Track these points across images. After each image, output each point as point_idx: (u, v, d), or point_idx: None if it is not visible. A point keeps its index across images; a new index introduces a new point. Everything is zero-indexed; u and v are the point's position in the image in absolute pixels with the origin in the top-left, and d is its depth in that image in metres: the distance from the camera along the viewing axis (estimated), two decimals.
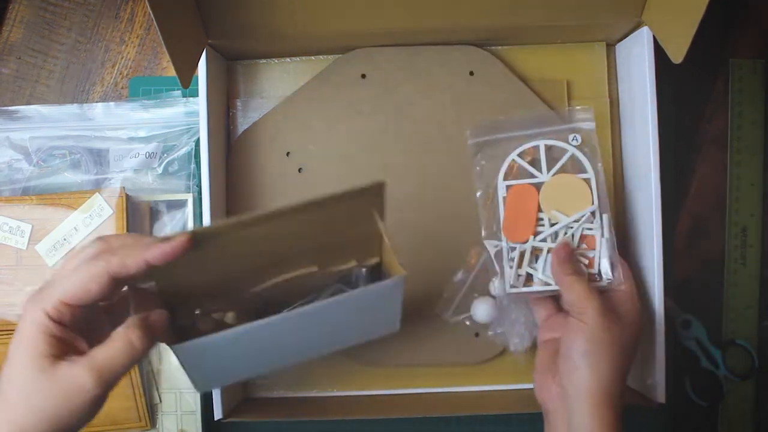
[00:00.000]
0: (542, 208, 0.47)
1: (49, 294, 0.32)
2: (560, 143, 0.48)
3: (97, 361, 0.32)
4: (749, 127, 0.57)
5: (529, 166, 0.48)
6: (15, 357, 0.32)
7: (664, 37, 0.46)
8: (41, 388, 0.31)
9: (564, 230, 0.47)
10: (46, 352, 0.31)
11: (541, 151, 0.48)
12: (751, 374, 0.55)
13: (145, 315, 0.34)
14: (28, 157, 0.54)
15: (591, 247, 0.46)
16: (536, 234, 0.47)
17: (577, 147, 0.48)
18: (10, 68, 0.57)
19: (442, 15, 0.48)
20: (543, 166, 0.48)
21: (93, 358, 0.32)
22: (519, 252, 0.46)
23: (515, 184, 0.47)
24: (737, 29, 0.58)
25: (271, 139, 0.53)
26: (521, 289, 0.46)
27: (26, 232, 0.52)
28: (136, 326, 0.33)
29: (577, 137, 0.48)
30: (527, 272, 0.46)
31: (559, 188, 0.47)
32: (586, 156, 0.48)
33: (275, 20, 0.48)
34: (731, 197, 0.57)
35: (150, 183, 0.54)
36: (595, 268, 0.46)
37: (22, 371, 0.31)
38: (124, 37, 0.57)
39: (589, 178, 0.47)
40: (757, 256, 0.56)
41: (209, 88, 0.48)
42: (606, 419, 0.39)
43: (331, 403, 0.52)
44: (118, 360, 0.32)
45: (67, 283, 0.32)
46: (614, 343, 0.41)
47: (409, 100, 0.53)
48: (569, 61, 0.54)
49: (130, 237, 0.35)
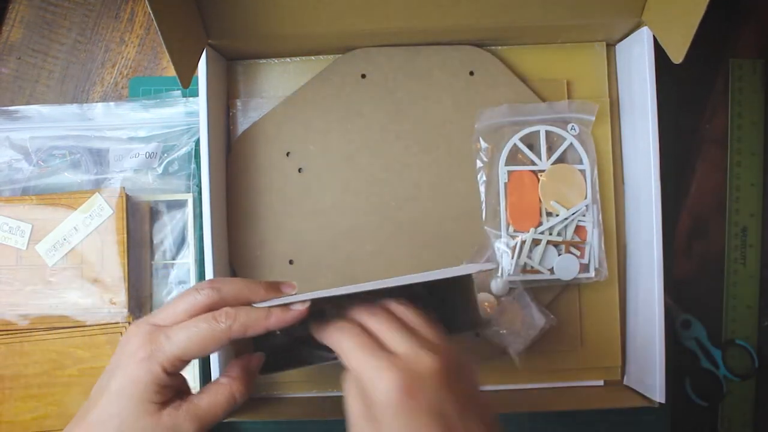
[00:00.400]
0: (541, 198, 0.49)
1: (166, 348, 0.33)
2: (559, 130, 0.50)
3: (200, 409, 0.34)
4: (749, 126, 0.57)
5: (530, 152, 0.50)
6: (121, 397, 0.33)
7: (664, 36, 0.46)
8: (143, 430, 0.32)
9: (563, 222, 0.50)
10: (156, 399, 0.33)
11: (541, 137, 0.50)
12: (751, 374, 0.55)
13: (246, 361, 0.36)
14: (28, 157, 0.54)
15: (583, 238, 0.49)
16: (539, 224, 0.49)
17: (575, 137, 0.50)
18: (10, 68, 0.57)
19: (442, 15, 0.48)
20: (542, 153, 0.50)
21: (196, 406, 0.34)
22: (520, 241, 0.48)
23: (516, 169, 0.49)
24: (737, 29, 0.58)
25: (271, 139, 0.53)
26: (519, 277, 0.49)
27: (26, 232, 0.52)
28: (239, 379, 0.35)
29: (575, 127, 0.50)
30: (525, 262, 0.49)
31: (557, 179, 0.50)
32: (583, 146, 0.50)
33: (275, 20, 0.48)
34: (731, 197, 0.57)
35: (150, 183, 0.54)
36: (586, 258, 0.49)
37: (127, 414, 0.32)
38: (124, 37, 0.57)
39: (584, 169, 0.49)
40: (757, 256, 0.56)
41: (209, 88, 0.48)
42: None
43: (331, 403, 0.52)
44: (220, 410, 0.35)
45: (186, 341, 0.33)
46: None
47: (409, 100, 0.53)
48: (569, 61, 0.54)
49: (242, 287, 0.36)
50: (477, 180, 0.52)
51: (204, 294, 0.35)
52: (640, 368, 0.51)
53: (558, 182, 0.50)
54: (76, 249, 0.52)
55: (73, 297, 0.51)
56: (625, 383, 0.53)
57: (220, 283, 0.36)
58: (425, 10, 0.48)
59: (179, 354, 0.33)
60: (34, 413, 0.52)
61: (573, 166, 0.51)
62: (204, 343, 0.33)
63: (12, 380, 0.52)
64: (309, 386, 0.53)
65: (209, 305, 0.35)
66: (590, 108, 0.51)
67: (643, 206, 0.49)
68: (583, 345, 0.53)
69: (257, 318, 0.34)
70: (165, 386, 0.33)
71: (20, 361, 0.52)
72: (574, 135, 0.51)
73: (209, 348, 0.33)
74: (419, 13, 0.48)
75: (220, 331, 0.33)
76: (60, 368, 0.52)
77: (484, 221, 0.51)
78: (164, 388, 0.33)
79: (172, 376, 0.34)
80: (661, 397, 0.48)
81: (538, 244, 0.50)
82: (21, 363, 0.52)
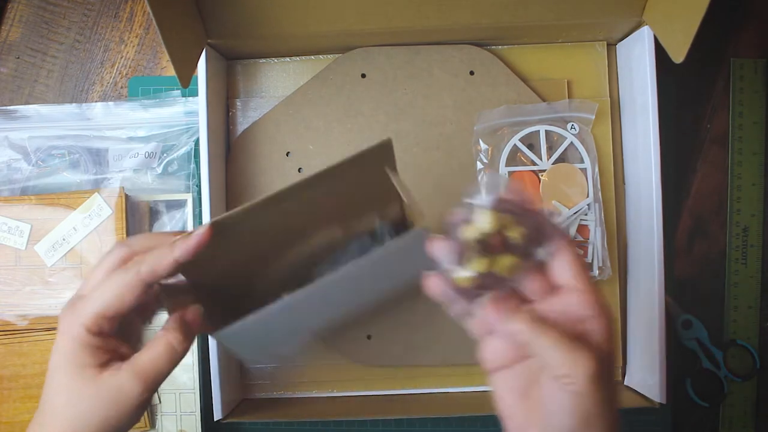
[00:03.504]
0: (542, 198, 0.49)
1: (84, 308, 0.33)
2: (559, 129, 0.50)
3: (140, 366, 0.33)
4: (750, 126, 0.57)
5: (530, 152, 0.49)
6: (58, 371, 0.33)
7: (665, 36, 0.45)
8: (88, 397, 0.32)
9: (565, 222, 0.49)
10: (90, 363, 0.32)
11: (541, 137, 0.50)
12: (752, 375, 0.55)
13: (182, 314, 0.35)
14: (27, 156, 0.54)
15: (585, 237, 0.49)
16: None
17: (575, 136, 0.50)
18: (9, 68, 0.57)
19: (443, 15, 0.48)
20: (543, 152, 0.49)
21: (136, 363, 0.33)
22: None
23: (517, 170, 0.49)
24: (738, 29, 0.58)
25: (271, 139, 0.53)
26: None
27: (25, 232, 0.52)
28: (175, 329, 0.34)
29: (576, 126, 0.50)
30: None
31: (558, 178, 0.49)
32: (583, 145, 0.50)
33: (275, 20, 0.47)
34: (732, 197, 0.57)
35: (149, 183, 0.54)
36: (589, 257, 0.49)
37: (67, 384, 0.32)
38: (124, 37, 0.57)
39: (585, 168, 0.49)
40: (758, 256, 0.56)
41: (209, 87, 0.48)
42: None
43: (331, 403, 0.52)
44: (161, 363, 0.33)
45: (101, 296, 0.33)
46: (609, 403, 0.29)
47: (409, 100, 0.53)
48: (570, 61, 0.54)
49: (151, 237, 0.35)
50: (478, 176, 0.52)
51: (115, 252, 0.35)
52: (641, 368, 0.51)
53: (559, 182, 0.50)
54: (75, 249, 0.52)
55: None
56: (625, 383, 0.53)
57: (130, 239, 0.36)
58: (425, 10, 0.48)
59: (98, 311, 0.32)
60: (32, 413, 0.51)
61: (574, 165, 0.51)
62: (119, 293, 0.32)
63: (11, 380, 0.52)
64: (309, 386, 0.53)
65: (123, 259, 0.34)
66: (590, 107, 0.51)
67: (644, 206, 0.49)
68: None
69: (163, 253, 0.33)
70: (96, 347, 0.33)
71: (19, 361, 0.52)
72: (574, 134, 0.51)
73: (126, 297, 0.32)
74: (419, 13, 0.48)
75: (130, 278, 0.32)
76: None
77: None
78: (96, 349, 0.33)
79: (100, 336, 0.33)
80: (662, 398, 0.47)
81: None
82: (20, 363, 0.52)
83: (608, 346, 0.30)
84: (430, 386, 0.53)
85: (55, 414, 0.33)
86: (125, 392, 0.32)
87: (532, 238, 0.30)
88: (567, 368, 0.28)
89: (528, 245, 0.30)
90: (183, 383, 0.52)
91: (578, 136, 0.51)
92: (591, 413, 0.29)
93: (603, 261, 0.50)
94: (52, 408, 0.33)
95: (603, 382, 0.29)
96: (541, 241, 0.30)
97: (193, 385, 0.53)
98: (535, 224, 0.30)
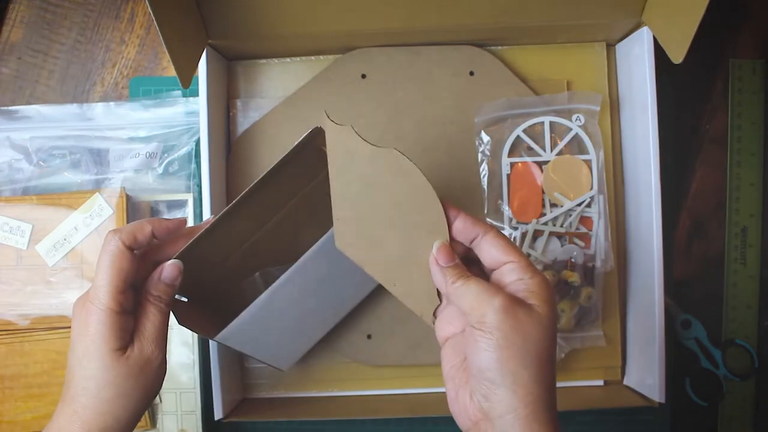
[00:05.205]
0: (544, 190, 0.48)
1: (98, 293, 0.36)
2: (564, 120, 0.50)
3: (148, 332, 0.37)
4: (749, 127, 0.57)
5: (534, 144, 0.49)
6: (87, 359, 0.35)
7: (664, 37, 0.46)
8: (125, 376, 0.36)
9: (567, 213, 0.49)
10: (118, 345, 0.36)
11: (545, 128, 0.49)
12: (750, 374, 0.55)
13: (158, 273, 0.39)
14: (28, 157, 0.54)
15: (588, 228, 0.49)
16: (541, 215, 0.48)
17: (580, 127, 0.49)
18: (11, 68, 0.57)
19: (443, 15, 0.48)
20: (546, 144, 0.49)
21: (144, 332, 0.37)
22: (521, 233, 0.48)
23: (519, 161, 0.49)
24: (737, 30, 0.58)
25: (271, 139, 0.53)
26: None
27: (26, 232, 0.52)
28: (155, 288, 0.38)
29: (581, 117, 0.50)
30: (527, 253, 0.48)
31: (561, 170, 0.49)
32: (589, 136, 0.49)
33: (275, 20, 0.48)
34: (731, 197, 0.57)
35: (150, 183, 0.54)
36: (592, 248, 0.49)
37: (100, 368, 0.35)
38: (125, 37, 0.57)
39: (590, 160, 0.49)
40: (757, 256, 0.57)
41: (209, 88, 0.48)
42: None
43: (331, 403, 0.52)
44: (163, 326, 0.38)
45: (103, 275, 0.36)
46: (529, 342, 0.32)
47: (409, 100, 0.53)
48: (569, 61, 0.54)
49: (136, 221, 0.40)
50: (479, 174, 0.52)
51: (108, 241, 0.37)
52: (640, 368, 0.51)
53: (562, 173, 0.50)
54: (76, 249, 0.52)
55: (74, 297, 0.51)
56: (625, 383, 0.53)
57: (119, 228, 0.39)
58: (425, 10, 0.48)
59: (109, 288, 0.35)
60: (34, 413, 0.52)
61: (577, 157, 0.50)
62: (115, 265, 0.36)
63: (12, 380, 0.52)
64: (309, 386, 0.53)
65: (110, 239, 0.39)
66: (595, 98, 0.51)
67: (643, 206, 0.49)
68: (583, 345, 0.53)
69: (140, 223, 0.38)
70: (121, 329, 0.36)
71: (21, 361, 0.52)
72: (579, 125, 0.50)
73: (124, 267, 0.36)
74: (419, 13, 0.48)
75: (115, 247, 0.36)
76: (60, 368, 0.52)
77: (486, 214, 0.51)
78: (120, 331, 0.36)
79: (123, 314, 0.36)
80: (661, 397, 0.48)
81: (540, 235, 0.50)
82: (21, 363, 0.52)
83: (548, 295, 0.34)
84: (430, 386, 0.53)
85: (90, 397, 0.35)
86: (152, 361, 0.37)
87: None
88: (477, 310, 0.33)
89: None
90: (184, 383, 0.53)
91: (583, 127, 0.51)
92: (511, 343, 0.32)
93: (605, 253, 0.50)
94: (87, 393, 0.35)
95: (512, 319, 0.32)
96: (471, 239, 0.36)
97: (194, 385, 0.53)
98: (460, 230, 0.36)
